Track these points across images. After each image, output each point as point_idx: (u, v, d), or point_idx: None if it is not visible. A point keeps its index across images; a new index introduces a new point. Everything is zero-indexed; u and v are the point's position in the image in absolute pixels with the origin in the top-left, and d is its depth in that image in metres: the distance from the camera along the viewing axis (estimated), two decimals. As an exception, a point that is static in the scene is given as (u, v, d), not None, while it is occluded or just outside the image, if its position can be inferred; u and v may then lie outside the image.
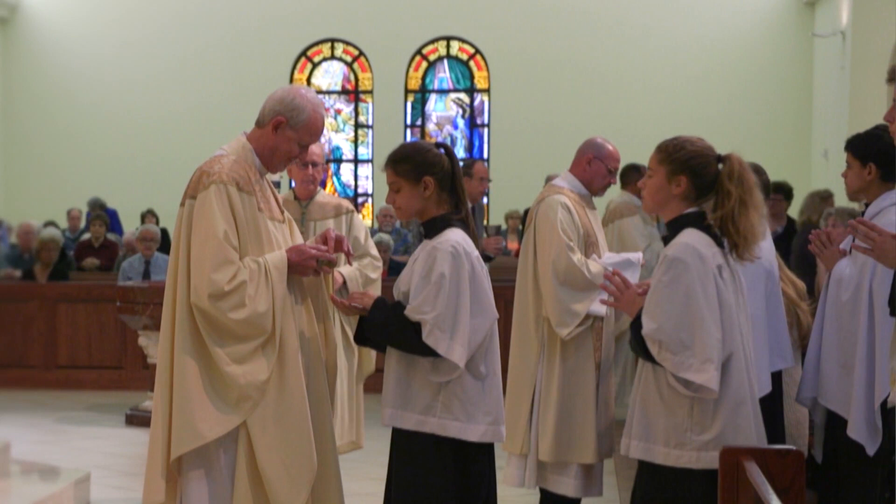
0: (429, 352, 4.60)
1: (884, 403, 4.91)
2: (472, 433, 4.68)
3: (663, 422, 4.33)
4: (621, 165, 7.64)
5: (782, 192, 11.15)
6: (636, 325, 4.38)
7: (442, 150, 4.75)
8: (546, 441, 6.35)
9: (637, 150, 18.82)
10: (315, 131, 4.94)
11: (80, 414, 11.75)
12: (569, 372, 6.39)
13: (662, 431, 4.32)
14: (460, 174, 4.75)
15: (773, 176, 9.28)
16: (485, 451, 4.82)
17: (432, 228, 4.72)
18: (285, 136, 4.90)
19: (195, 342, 4.74)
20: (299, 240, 5.11)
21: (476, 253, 4.69)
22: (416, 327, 4.59)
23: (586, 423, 6.38)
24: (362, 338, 4.91)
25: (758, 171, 5.81)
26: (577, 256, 6.38)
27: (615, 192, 10.47)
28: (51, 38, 21.98)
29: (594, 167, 6.60)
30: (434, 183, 4.67)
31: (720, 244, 4.41)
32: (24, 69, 21.96)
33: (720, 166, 4.42)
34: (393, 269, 12.82)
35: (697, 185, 4.41)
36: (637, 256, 6.64)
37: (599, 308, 6.29)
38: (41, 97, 21.84)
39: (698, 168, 4.40)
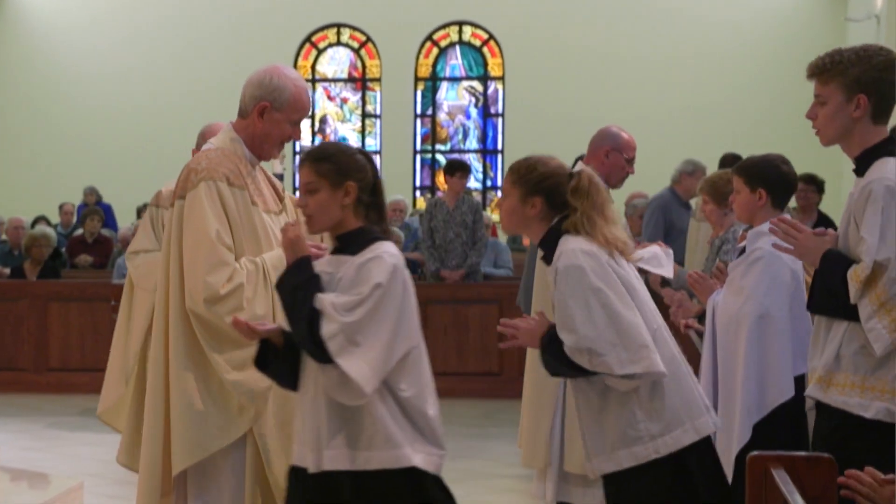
0: (319, 352, 4.04)
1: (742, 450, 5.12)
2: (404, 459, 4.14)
3: (615, 426, 4.41)
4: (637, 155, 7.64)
5: (814, 184, 11.11)
6: (552, 347, 4.43)
7: (364, 157, 4.35)
8: (576, 451, 6.29)
9: (660, 139, 18.87)
10: (302, 107, 4.95)
11: (72, 419, 11.77)
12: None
13: (619, 436, 4.40)
14: (382, 187, 4.37)
15: (804, 168, 9.25)
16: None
17: (353, 243, 4.21)
18: (273, 120, 4.91)
19: (192, 349, 4.74)
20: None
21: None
22: (315, 315, 4.05)
23: None
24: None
25: (783, 161, 5.82)
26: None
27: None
28: (41, 26, 22.02)
29: (612, 159, 6.60)
30: (356, 190, 4.22)
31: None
32: (13, 60, 22.00)
33: (567, 181, 4.56)
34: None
35: (552, 205, 4.54)
36: (663, 250, 6.65)
37: None
38: (32, 88, 21.88)
39: (551, 188, 4.53)
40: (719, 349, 5.55)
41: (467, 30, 21.79)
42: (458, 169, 13.32)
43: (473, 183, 21.53)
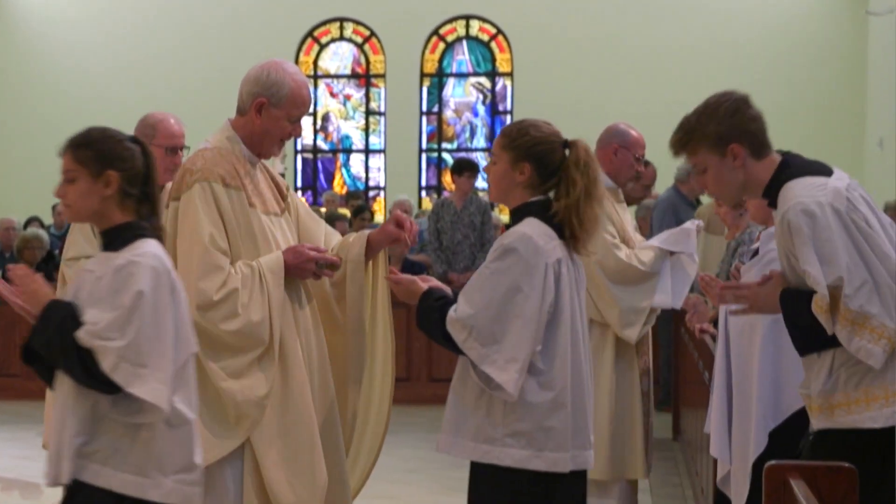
0: (108, 387, 3.85)
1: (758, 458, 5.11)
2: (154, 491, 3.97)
3: (473, 415, 4.42)
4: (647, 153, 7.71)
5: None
6: (429, 305, 4.48)
7: (138, 146, 4.09)
8: (601, 458, 6.29)
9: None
10: (301, 102, 4.94)
11: (66, 427, 11.75)
12: (618, 381, 6.45)
13: (473, 426, 4.41)
14: (156, 178, 4.13)
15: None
16: None
17: (116, 239, 4.00)
18: (272, 117, 4.89)
19: None
20: (307, 231, 5.10)
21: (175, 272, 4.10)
22: (85, 355, 3.85)
23: (636, 435, 6.42)
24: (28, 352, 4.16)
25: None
26: (624, 251, 6.44)
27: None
28: (35, 22, 22.04)
29: (620, 157, 6.65)
30: (118, 180, 3.98)
31: (562, 236, 4.48)
32: (6, 57, 22.01)
33: (566, 152, 4.52)
34: (406, 268, 12.81)
35: (542, 173, 4.49)
36: (694, 223, 6.71)
37: (664, 299, 6.38)
38: (25, 85, 21.90)
39: (543, 155, 4.49)
40: (733, 355, 5.55)
41: (475, 24, 21.79)
42: (466, 168, 13.34)
43: (481, 182, 21.51)
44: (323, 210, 16.83)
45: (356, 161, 22.29)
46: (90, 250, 5.98)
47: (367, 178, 22.20)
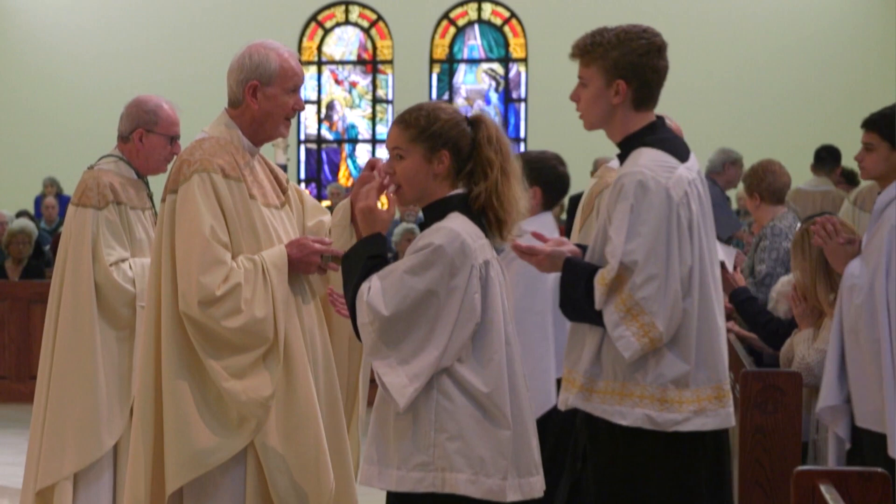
0: None
1: None
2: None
3: (395, 439, 4.23)
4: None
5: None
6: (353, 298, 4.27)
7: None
8: None
9: (700, 127, 18.81)
10: (293, 72, 4.97)
11: (57, 431, 11.77)
12: None
13: (403, 451, 4.21)
14: None
15: (848, 156, 9.23)
16: None
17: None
18: (269, 96, 4.92)
19: (186, 356, 4.73)
20: (319, 223, 5.11)
21: None
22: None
23: None
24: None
25: (559, 162, 6.31)
26: None
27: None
28: (22, 7, 22.06)
29: None
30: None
31: (484, 229, 4.34)
32: (-7, 38, 22.06)
33: (469, 130, 4.34)
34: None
35: (458, 159, 4.31)
36: (734, 251, 6.82)
37: None
38: (15, 73, 21.91)
39: (458, 139, 4.31)
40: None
41: (487, 7, 21.79)
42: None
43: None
44: (328, 203, 16.84)
45: (362, 151, 22.30)
46: (124, 252, 6.01)
47: (373, 170, 22.18)
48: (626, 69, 4.57)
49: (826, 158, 11.22)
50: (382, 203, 4.34)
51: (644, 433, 4.45)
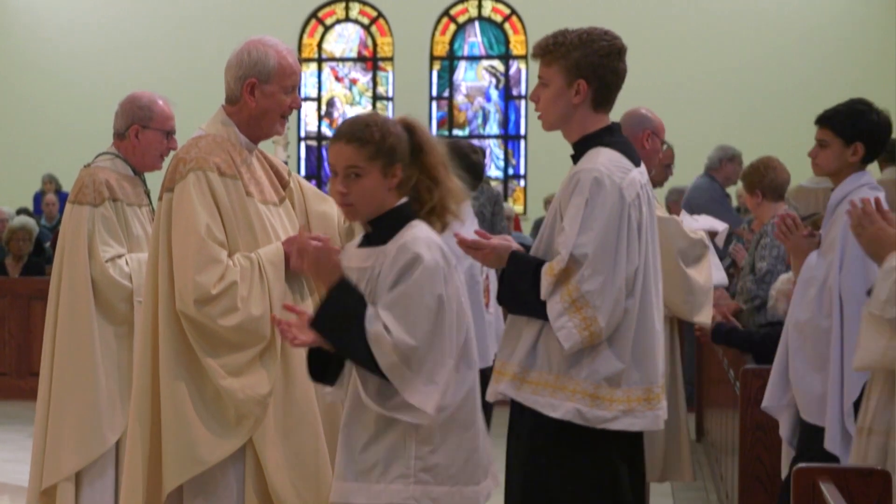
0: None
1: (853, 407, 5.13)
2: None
3: (373, 452, 4.09)
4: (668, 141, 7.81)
5: None
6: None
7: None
8: (653, 459, 6.34)
9: (699, 124, 18.82)
10: (291, 71, 4.97)
11: (58, 428, 11.76)
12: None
13: (372, 466, 4.08)
14: None
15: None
16: None
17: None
18: (266, 94, 4.91)
19: (183, 355, 4.73)
20: (319, 216, 5.10)
21: None
22: None
23: (682, 435, 6.47)
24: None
25: (473, 151, 6.32)
26: (686, 224, 6.53)
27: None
28: (23, 5, 22.07)
29: (652, 144, 6.64)
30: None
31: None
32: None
33: (408, 137, 4.18)
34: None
35: (408, 169, 4.14)
36: (719, 225, 6.79)
37: (721, 276, 6.47)
38: (15, 69, 21.90)
39: (405, 148, 4.15)
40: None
41: (487, 4, 21.77)
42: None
43: (493, 171, 21.52)
44: (327, 200, 16.81)
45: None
46: (121, 248, 6.02)
47: (373, 167, 22.18)
48: (587, 69, 4.69)
49: None
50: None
51: (568, 427, 4.55)
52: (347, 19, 22.13)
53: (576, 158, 4.75)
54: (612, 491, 4.62)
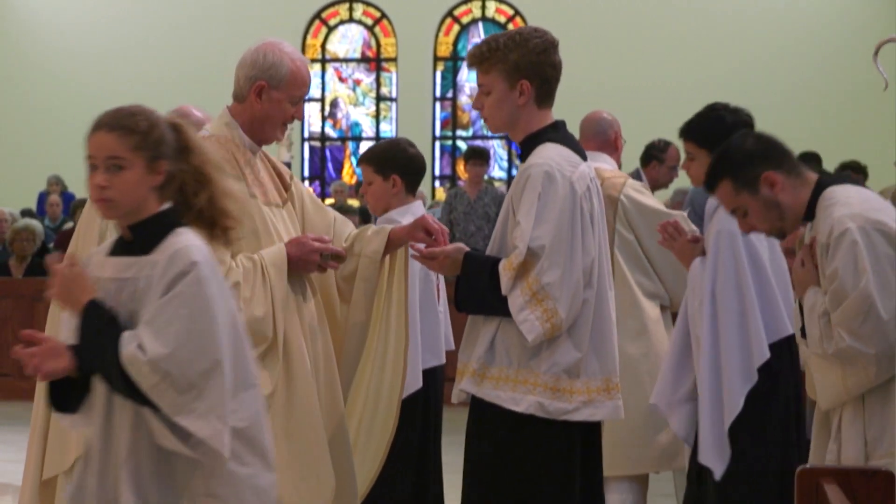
0: None
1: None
2: None
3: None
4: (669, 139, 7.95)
5: (859, 171, 11.31)
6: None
7: None
8: (655, 449, 6.52)
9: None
10: (302, 83, 4.96)
11: (61, 429, 11.77)
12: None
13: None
14: None
15: (851, 155, 9.24)
16: None
17: None
18: (272, 100, 4.90)
19: None
20: (311, 223, 5.09)
21: None
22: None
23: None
24: None
25: (409, 144, 6.38)
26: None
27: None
28: (26, 6, 22.06)
29: (620, 145, 6.86)
30: None
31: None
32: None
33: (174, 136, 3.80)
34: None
35: (171, 170, 3.75)
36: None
37: None
38: (18, 69, 21.92)
39: (170, 146, 3.76)
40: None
41: (491, 5, 21.79)
42: (471, 156, 13.36)
43: (498, 172, 21.53)
44: (331, 201, 16.83)
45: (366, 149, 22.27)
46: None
47: (377, 168, 22.19)
48: (527, 69, 4.82)
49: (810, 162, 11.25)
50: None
51: (529, 420, 4.64)
52: (351, 20, 22.15)
53: (523, 157, 4.83)
54: (569, 482, 4.72)
